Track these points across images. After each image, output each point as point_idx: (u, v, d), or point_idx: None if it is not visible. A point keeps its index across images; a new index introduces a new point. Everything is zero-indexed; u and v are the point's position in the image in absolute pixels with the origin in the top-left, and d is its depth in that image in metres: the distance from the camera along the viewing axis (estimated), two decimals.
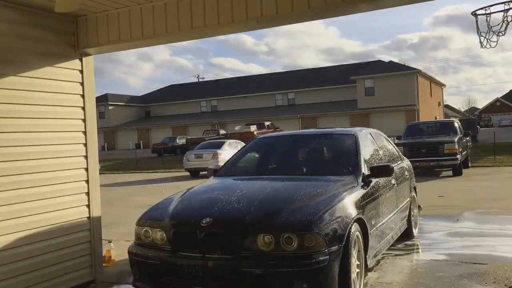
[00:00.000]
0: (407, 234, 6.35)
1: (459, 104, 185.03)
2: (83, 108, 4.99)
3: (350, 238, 3.79)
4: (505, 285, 4.43)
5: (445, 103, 58.11)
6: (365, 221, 4.18)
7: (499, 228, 7.03)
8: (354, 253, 3.89)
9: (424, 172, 14.81)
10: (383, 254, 5.28)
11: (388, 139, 6.72)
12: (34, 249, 4.39)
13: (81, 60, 5.01)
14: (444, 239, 6.54)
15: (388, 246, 5.35)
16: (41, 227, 4.46)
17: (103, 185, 5.32)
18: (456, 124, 16.51)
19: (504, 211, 8.33)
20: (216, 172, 5.49)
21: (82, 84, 4.99)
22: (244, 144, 7.46)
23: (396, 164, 6.01)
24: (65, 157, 4.76)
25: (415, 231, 6.63)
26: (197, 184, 5.10)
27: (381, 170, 4.90)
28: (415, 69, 41.49)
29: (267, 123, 33.51)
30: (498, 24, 9.74)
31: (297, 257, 3.48)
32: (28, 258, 4.34)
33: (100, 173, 5.38)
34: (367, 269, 4.38)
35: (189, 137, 36.13)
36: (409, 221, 6.35)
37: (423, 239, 6.53)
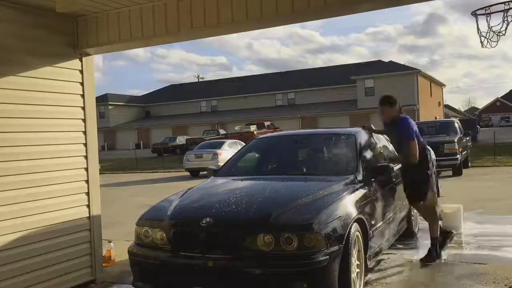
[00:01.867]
0: (407, 234, 6.34)
1: (458, 103, 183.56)
2: (83, 108, 4.98)
3: (350, 238, 3.79)
4: (505, 285, 4.43)
5: (445, 103, 58.10)
6: (365, 221, 4.18)
7: (499, 228, 7.03)
8: (354, 253, 3.89)
9: None
10: (383, 254, 5.28)
11: (388, 139, 6.72)
12: (34, 249, 4.39)
13: (81, 60, 5.00)
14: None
15: (388, 246, 5.35)
16: (41, 227, 4.46)
17: (103, 185, 5.32)
18: (456, 124, 16.50)
19: (504, 211, 8.32)
20: (216, 172, 5.49)
21: (82, 84, 4.98)
22: (244, 144, 7.46)
23: (396, 164, 6.01)
24: (65, 157, 4.76)
25: (415, 231, 6.63)
26: (197, 184, 5.10)
27: (381, 170, 4.90)
28: (415, 69, 41.49)
29: (267, 123, 33.50)
30: (498, 24, 9.73)
31: (297, 257, 3.48)
32: (28, 258, 4.33)
33: (100, 173, 5.38)
34: (367, 269, 4.38)
35: (189, 137, 36.10)
36: (409, 221, 6.35)
37: (423, 239, 6.53)
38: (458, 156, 14.16)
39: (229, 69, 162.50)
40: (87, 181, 5.00)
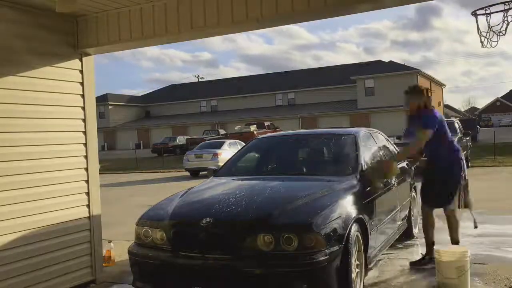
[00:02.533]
0: (407, 234, 6.35)
1: (458, 103, 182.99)
2: (83, 108, 4.98)
3: (350, 238, 3.79)
4: (505, 285, 4.43)
5: (445, 103, 58.10)
6: (365, 221, 4.18)
7: (499, 228, 7.03)
8: (354, 253, 3.89)
9: None
10: (383, 254, 5.28)
11: (388, 139, 6.72)
12: (34, 249, 4.39)
13: (81, 60, 5.01)
14: (444, 239, 6.52)
15: (388, 246, 5.35)
16: (41, 227, 4.46)
17: (103, 185, 5.33)
18: (456, 124, 16.51)
19: (504, 211, 8.33)
20: (216, 172, 5.49)
21: (82, 84, 4.98)
22: (244, 144, 7.46)
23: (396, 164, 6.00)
24: (65, 157, 4.76)
25: (415, 231, 6.63)
26: (197, 184, 5.10)
27: None
28: (415, 69, 41.53)
29: (267, 123, 33.51)
30: (499, 24, 9.72)
31: (297, 257, 3.48)
32: (28, 258, 4.33)
33: (100, 173, 5.38)
34: (367, 269, 4.38)
35: (189, 137, 36.12)
36: (409, 221, 6.35)
37: (423, 239, 6.52)
38: None
39: (215, 65, 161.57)
40: (87, 181, 5.00)
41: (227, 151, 19.23)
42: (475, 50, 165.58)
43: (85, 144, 4.99)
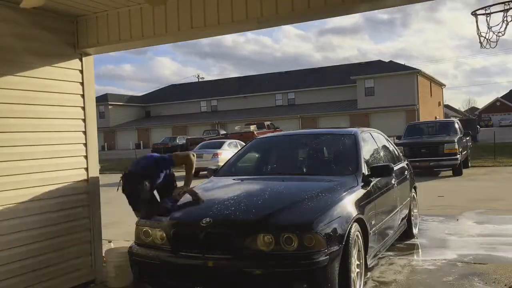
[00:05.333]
0: (407, 234, 6.35)
1: (458, 103, 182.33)
2: (83, 108, 4.98)
3: (350, 238, 3.79)
4: (505, 285, 4.43)
5: (445, 103, 58.14)
6: (365, 221, 4.18)
7: (499, 228, 7.03)
8: (354, 253, 3.89)
9: (424, 172, 14.80)
10: (383, 254, 5.28)
11: (388, 139, 6.73)
12: (34, 249, 4.38)
13: (81, 60, 5.00)
14: (444, 239, 6.54)
15: (388, 246, 5.35)
16: (41, 227, 4.46)
17: (103, 185, 5.33)
18: (456, 124, 16.51)
19: (504, 211, 8.33)
20: (216, 172, 5.49)
21: (82, 84, 4.98)
22: (244, 144, 7.47)
23: (396, 164, 6.01)
24: (65, 157, 4.76)
25: (415, 231, 6.63)
26: (197, 184, 5.10)
27: (381, 170, 4.90)
28: (415, 69, 41.52)
29: (267, 123, 33.52)
30: (498, 24, 9.73)
31: (297, 257, 3.48)
32: (28, 258, 4.33)
33: (100, 173, 5.38)
34: (367, 269, 4.38)
35: (189, 137, 36.13)
36: (409, 221, 6.35)
37: (423, 239, 6.54)
38: (458, 156, 14.17)
39: (143, 52, 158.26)
40: (87, 181, 5.00)
41: (227, 151, 19.22)
42: (452, 35, 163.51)
43: (85, 144, 4.99)
